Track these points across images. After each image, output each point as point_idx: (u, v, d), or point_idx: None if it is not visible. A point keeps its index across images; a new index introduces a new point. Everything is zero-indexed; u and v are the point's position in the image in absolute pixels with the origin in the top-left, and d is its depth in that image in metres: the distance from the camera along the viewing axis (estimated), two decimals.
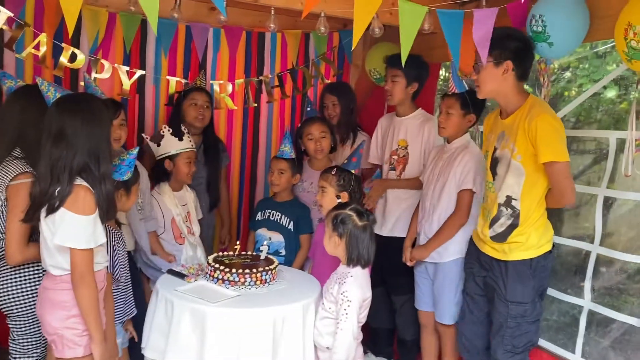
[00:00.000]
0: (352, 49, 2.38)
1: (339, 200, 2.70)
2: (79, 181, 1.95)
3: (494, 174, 2.44)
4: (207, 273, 2.43)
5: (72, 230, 1.92)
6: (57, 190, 1.92)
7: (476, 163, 2.76)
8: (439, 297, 2.86)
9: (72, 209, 1.92)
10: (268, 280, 2.41)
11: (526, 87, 2.54)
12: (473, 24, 2.20)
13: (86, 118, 1.99)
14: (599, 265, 3.25)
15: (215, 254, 2.58)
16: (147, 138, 3.02)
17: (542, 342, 2.68)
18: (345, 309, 2.24)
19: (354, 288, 2.28)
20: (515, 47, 2.30)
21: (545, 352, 2.66)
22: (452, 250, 2.79)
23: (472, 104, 2.76)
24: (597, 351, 3.13)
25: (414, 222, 3.00)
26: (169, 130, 2.95)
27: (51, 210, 1.93)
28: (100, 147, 2.00)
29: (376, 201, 3.15)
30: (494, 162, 2.45)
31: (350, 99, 3.50)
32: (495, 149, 2.45)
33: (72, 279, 1.95)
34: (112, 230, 2.29)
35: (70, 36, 1.96)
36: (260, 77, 3.32)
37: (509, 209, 2.36)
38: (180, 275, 2.44)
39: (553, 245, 2.43)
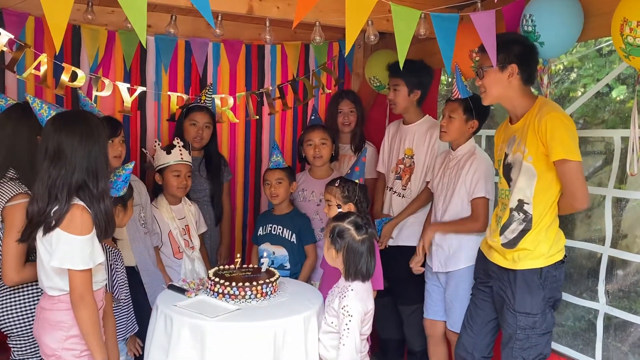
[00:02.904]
0: (346, 54, 2.37)
1: (339, 210, 2.66)
2: (75, 200, 1.93)
3: (509, 180, 2.37)
4: (207, 287, 2.41)
5: (69, 251, 1.89)
6: (54, 210, 1.90)
7: (485, 169, 2.71)
8: (452, 305, 2.80)
9: (68, 230, 1.90)
10: (269, 293, 2.38)
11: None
12: (475, 28, 2.17)
13: (84, 135, 1.96)
14: (613, 267, 3.16)
15: (216, 268, 2.56)
16: (147, 153, 3.03)
17: (561, 348, 2.62)
18: (346, 324, 2.18)
19: (355, 302, 2.21)
20: (519, 50, 2.27)
21: (565, 358, 2.59)
22: (464, 258, 2.74)
23: (476, 110, 2.72)
24: (616, 355, 3.04)
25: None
26: (159, 144, 2.98)
27: (47, 229, 1.91)
28: (98, 165, 1.98)
29: (386, 243, 3.09)
30: (507, 169, 2.38)
31: (362, 107, 3.51)
32: (506, 155, 2.39)
33: (72, 300, 1.94)
34: (109, 248, 2.28)
35: (57, 52, 1.95)
36: (261, 90, 3.31)
37: (521, 214, 2.30)
38: (181, 290, 2.42)
39: (565, 255, 2.34)
